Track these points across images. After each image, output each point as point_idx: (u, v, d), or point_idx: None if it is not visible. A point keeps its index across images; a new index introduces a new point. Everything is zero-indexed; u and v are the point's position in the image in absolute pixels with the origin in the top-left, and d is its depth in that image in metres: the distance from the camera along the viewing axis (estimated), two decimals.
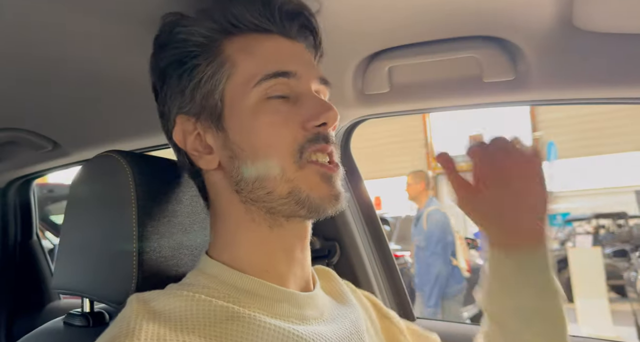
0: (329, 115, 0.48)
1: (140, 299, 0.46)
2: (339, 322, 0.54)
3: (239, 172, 0.49)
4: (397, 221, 4.83)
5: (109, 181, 0.59)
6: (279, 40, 0.52)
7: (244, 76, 0.49)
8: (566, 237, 8.48)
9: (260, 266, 0.50)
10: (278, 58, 0.50)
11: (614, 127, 13.25)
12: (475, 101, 0.81)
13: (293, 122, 0.48)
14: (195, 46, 0.50)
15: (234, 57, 0.50)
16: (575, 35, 0.61)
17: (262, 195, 0.48)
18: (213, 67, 0.50)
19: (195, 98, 0.50)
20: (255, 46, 0.50)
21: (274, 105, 0.49)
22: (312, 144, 0.48)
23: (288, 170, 0.48)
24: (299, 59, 0.52)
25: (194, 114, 0.51)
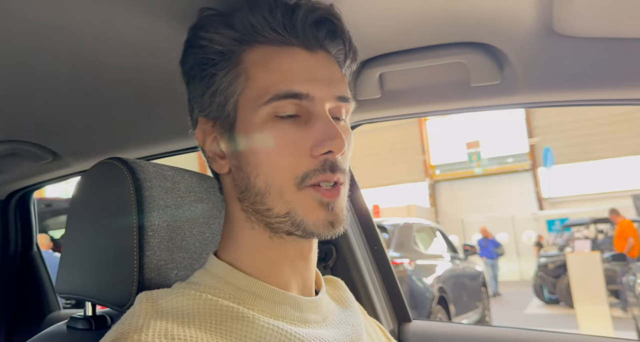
0: (334, 143, 0.47)
1: (149, 298, 0.48)
2: (342, 327, 0.55)
3: (243, 183, 0.50)
4: (395, 228, 4.82)
5: (110, 187, 0.60)
6: (298, 54, 0.50)
7: (256, 92, 0.49)
8: (565, 242, 8.47)
9: (261, 270, 0.51)
10: (292, 77, 0.48)
11: (610, 132, 13.34)
12: (463, 105, 0.83)
13: (300, 146, 0.48)
14: (215, 54, 0.51)
15: (249, 70, 0.49)
16: (556, 40, 0.63)
17: (261, 210, 0.49)
18: (229, 78, 0.50)
19: (213, 104, 0.51)
20: (271, 61, 0.49)
21: (282, 126, 0.48)
22: (318, 174, 0.47)
23: (286, 191, 0.48)
24: (315, 77, 0.49)
25: (212, 118, 0.52)
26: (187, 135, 1.02)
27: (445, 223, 14.20)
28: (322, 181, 0.48)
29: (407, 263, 4.32)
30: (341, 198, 0.50)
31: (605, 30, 0.61)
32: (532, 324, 6.56)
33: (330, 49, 0.53)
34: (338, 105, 0.51)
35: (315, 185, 0.48)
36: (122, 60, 0.68)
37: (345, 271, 1.02)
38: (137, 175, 0.59)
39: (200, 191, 0.66)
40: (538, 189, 14.39)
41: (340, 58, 0.55)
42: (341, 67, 0.55)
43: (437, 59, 0.73)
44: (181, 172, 0.65)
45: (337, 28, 0.52)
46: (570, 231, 9.00)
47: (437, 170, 15.87)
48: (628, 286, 4.82)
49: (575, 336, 0.95)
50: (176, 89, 0.74)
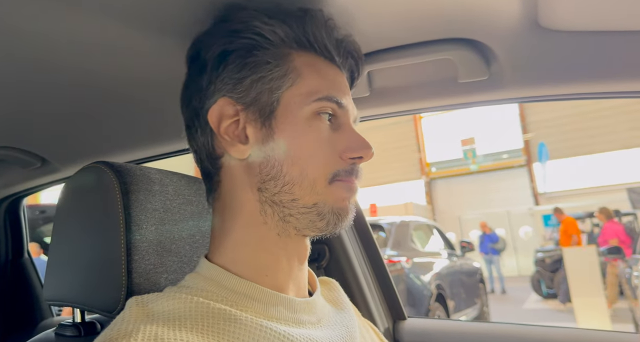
0: (368, 152, 0.53)
1: (139, 302, 0.47)
2: (336, 329, 0.55)
3: (272, 171, 0.51)
4: (392, 227, 4.83)
5: (96, 192, 0.60)
6: (337, 71, 0.57)
7: (307, 89, 0.52)
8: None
9: (260, 270, 0.51)
10: (337, 87, 0.54)
11: (604, 126, 13.43)
12: (452, 102, 0.83)
13: (334, 147, 0.52)
14: (271, 45, 0.53)
15: (301, 69, 0.53)
16: (542, 34, 0.63)
17: (285, 200, 0.50)
18: (281, 71, 0.53)
19: (251, 90, 0.52)
20: (320, 68, 0.55)
21: (324, 125, 0.53)
22: (346, 175, 0.52)
23: (319, 185, 0.51)
24: (349, 95, 0.57)
25: (243, 103, 0.53)
26: (177, 138, 1.02)
27: (442, 220, 14.24)
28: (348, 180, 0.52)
29: (404, 261, 4.33)
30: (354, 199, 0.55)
31: (590, 24, 0.61)
32: (531, 319, 6.59)
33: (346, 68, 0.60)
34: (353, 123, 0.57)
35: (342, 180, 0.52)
36: (110, 65, 0.67)
37: (339, 270, 1.02)
38: (123, 178, 0.58)
39: (190, 193, 0.66)
40: (533, 184, 14.45)
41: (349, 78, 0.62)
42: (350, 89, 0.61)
43: (424, 56, 0.72)
44: (169, 175, 0.65)
45: (358, 63, 0.61)
46: None
47: (433, 167, 15.92)
48: (624, 278, 4.85)
49: (571, 330, 0.95)
50: (167, 91, 0.73)
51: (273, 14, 0.54)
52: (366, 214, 5.61)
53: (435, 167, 15.88)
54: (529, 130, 14.63)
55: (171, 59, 0.55)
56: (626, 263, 5.04)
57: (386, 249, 4.48)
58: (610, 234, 6.39)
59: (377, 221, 5.02)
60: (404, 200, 13.62)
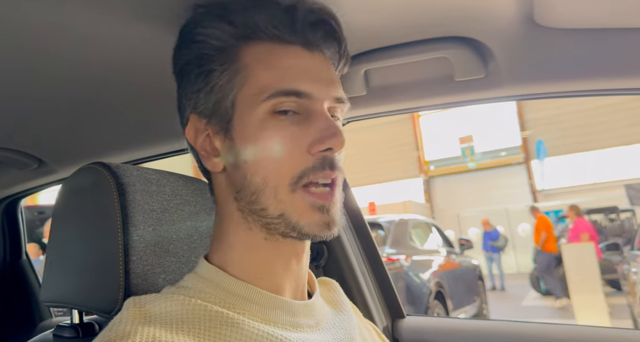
0: (335, 141, 0.47)
1: (137, 303, 0.47)
2: (334, 332, 0.54)
3: (239, 181, 0.50)
4: (391, 225, 4.83)
5: (93, 192, 0.60)
6: (299, 52, 0.50)
7: (257, 87, 0.48)
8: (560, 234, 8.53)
9: (254, 272, 0.51)
10: (294, 75, 0.49)
11: (602, 123, 13.45)
12: (449, 100, 0.83)
13: (299, 143, 0.48)
14: (213, 49, 0.50)
15: (250, 65, 0.49)
16: (537, 32, 0.63)
17: (257, 210, 0.49)
18: (228, 74, 0.49)
19: (209, 101, 0.50)
20: (273, 58, 0.49)
21: (281, 123, 0.48)
22: (316, 172, 0.48)
23: (280, 191, 0.47)
24: (316, 77, 0.50)
25: (206, 116, 0.51)
26: (175, 138, 1.02)
27: (441, 218, 14.25)
28: (320, 178, 0.48)
29: (403, 259, 4.33)
30: (336, 200, 0.50)
31: (586, 22, 0.61)
32: (529, 316, 6.61)
33: (325, 50, 0.53)
34: (335, 106, 0.51)
35: (310, 185, 0.48)
36: (106, 63, 0.67)
37: (338, 269, 1.02)
38: (120, 179, 0.58)
39: (187, 193, 0.65)
40: (532, 181, 14.48)
41: (335, 60, 0.54)
42: (335, 69, 0.55)
43: (421, 55, 0.72)
44: (166, 176, 0.65)
45: (334, 30, 0.52)
46: (565, 222, 9.07)
47: (432, 166, 15.93)
48: (622, 274, 4.87)
49: (570, 326, 0.95)
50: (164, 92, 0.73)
51: (219, 11, 0.50)
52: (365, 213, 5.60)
53: (434, 165, 15.89)
54: (527, 127, 14.65)
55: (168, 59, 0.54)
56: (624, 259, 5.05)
57: (385, 247, 4.48)
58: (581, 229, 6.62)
59: (375, 219, 5.02)
60: (402, 198, 13.62)
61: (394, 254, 4.34)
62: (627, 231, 8.39)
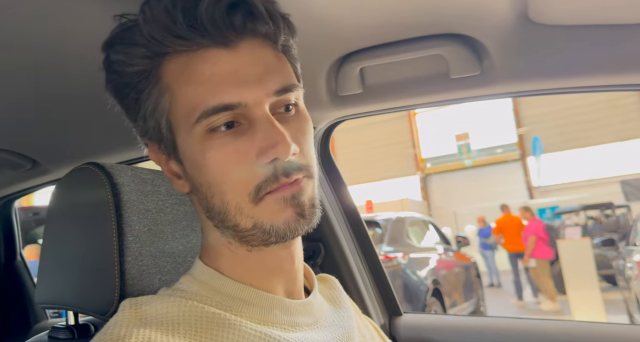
0: (278, 149, 0.42)
1: (133, 304, 0.47)
2: (333, 330, 0.54)
3: (203, 203, 0.48)
4: (388, 223, 4.84)
5: (87, 193, 0.59)
6: (216, 56, 0.44)
7: (184, 109, 0.44)
8: (556, 230, 8.58)
9: (245, 278, 0.50)
10: (218, 86, 0.43)
11: (597, 120, 13.52)
12: (445, 97, 0.83)
13: (245, 158, 0.44)
14: (130, 76, 0.46)
15: (171, 85, 0.45)
16: (532, 28, 0.63)
17: (230, 226, 0.47)
18: (153, 98, 0.46)
19: (148, 128, 0.48)
20: (190, 71, 0.44)
21: (222, 140, 0.44)
22: (271, 183, 0.44)
23: (245, 207, 0.45)
24: (244, 80, 0.43)
25: (155, 141, 0.49)
26: None
27: (438, 216, 14.29)
28: (279, 187, 0.44)
29: (400, 257, 4.34)
30: (303, 189, 0.46)
31: (580, 18, 0.61)
32: (526, 312, 6.64)
33: (256, 32, 0.46)
34: (280, 98, 0.46)
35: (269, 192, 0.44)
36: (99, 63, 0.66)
37: (334, 268, 1.02)
38: (114, 179, 0.58)
39: (182, 193, 0.65)
40: (528, 178, 14.53)
41: (272, 38, 0.47)
42: (275, 49, 0.48)
43: (416, 52, 0.72)
44: (161, 175, 0.64)
45: (252, 8, 0.44)
46: (561, 218, 9.11)
47: (428, 163, 15.96)
48: (618, 270, 4.90)
49: (565, 323, 0.95)
50: None
51: (125, 34, 0.45)
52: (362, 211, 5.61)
53: (430, 163, 15.93)
54: (523, 124, 14.70)
55: None
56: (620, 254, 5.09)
57: (382, 245, 4.49)
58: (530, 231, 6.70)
59: (373, 217, 5.02)
60: (399, 196, 13.65)
61: (392, 252, 4.35)
62: (622, 226, 8.43)
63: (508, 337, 0.95)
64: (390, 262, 4.20)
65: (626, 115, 13.33)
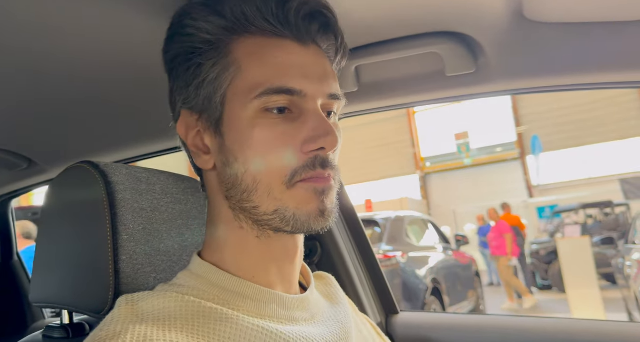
0: (327, 140, 0.46)
1: (129, 301, 0.47)
2: (330, 325, 0.54)
3: (230, 180, 0.49)
4: (387, 222, 4.84)
5: (81, 192, 0.59)
6: (291, 47, 0.48)
7: (248, 84, 0.47)
8: (555, 228, 8.58)
9: (248, 269, 0.50)
10: (286, 71, 0.47)
11: (595, 118, 13.53)
12: (441, 95, 0.83)
13: (291, 142, 0.46)
14: (202, 43, 0.48)
15: (240, 60, 0.48)
16: (527, 26, 0.63)
17: (248, 207, 0.48)
18: (217, 69, 0.48)
19: (199, 96, 0.49)
20: (264, 53, 0.48)
21: (273, 120, 0.47)
22: (308, 170, 0.46)
23: (276, 190, 0.47)
24: (309, 73, 0.48)
25: (197, 111, 0.50)
26: (168, 136, 1.01)
27: (438, 215, 14.30)
28: (313, 177, 0.47)
29: (399, 256, 4.34)
30: (333, 189, 0.49)
31: (575, 16, 0.61)
32: (525, 311, 6.64)
33: (321, 43, 0.51)
34: (329, 102, 0.50)
35: (304, 180, 0.47)
36: (97, 60, 0.66)
37: (331, 266, 1.02)
38: (109, 178, 0.58)
39: (178, 192, 0.65)
40: (527, 177, 14.54)
41: (331, 53, 0.53)
42: (332, 62, 0.53)
43: (412, 50, 0.72)
44: (157, 174, 0.64)
45: (330, 22, 0.50)
46: (560, 217, 9.12)
47: (428, 162, 15.97)
48: (617, 268, 4.90)
49: (563, 320, 0.95)
50: (154, 89, 0.72)
51: (210, 2, 0.48)
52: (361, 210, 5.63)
53: (430, 162, 15.94)
54: (522, 123, 14.70)
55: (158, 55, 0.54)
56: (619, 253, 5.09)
57: (381, 244, 4.49)
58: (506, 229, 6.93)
59: (372, 216, 5.03)
60: (399, 195, 13.65)
61: (391, 251, 4.35)
62: (621, 225, 8.44)
63: (505, 335, 0.95)
64: (390, 261, 4.20)
65: (625, 114, 13.33)
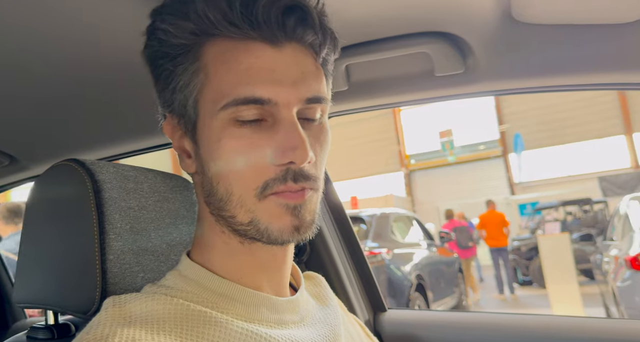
0: (296, 154, 0.43)
1: (116, 303, 0.46)
2: (319, 327, 0.54)
3: (207, 187, 0.48)
4: (372, 219, 4.87)
5: (67, 190, 0.58)
6: (260, 50, 0.44)
7: (215, 93, 0.45)
8: (536, 225, 8.75)
9: (236, 272, 0.50)
10: (254, 78, 0.44)
11: (576, 117, 13.82)
12: (429, 95, 0.84)
13: (260, 154, 0.44)
14: (172, 47, 0.46)
15: (208, 66, 0.45)
16: (515, 27, 0.64)
17: (226, 216, 0.47)
18: (188, 74, 0.46)
19: (175, 101, 0.48)
20: (230, 58, 0.44)
21: (242, 132, 0.44)
22: (278, 184, 0.44)
23: (248, 201, 0.45)
24: (281, 79, 0.44)
25: (177, 115, 0.49)
26: (154, 133, 1.00)
27: (422, 211, 14.45)
28: (284, 191, 0.45)
29: (385, 253, 4.38)
30: (307, 201, 0.46)
31: (562, 17, 0.62)
32: (507, 306, 6.77)
33: (303, 40, 0.47)
34: (308, 107, 0.46)
35: (275, 193, 0.45)
36: (81, 54, 0.65)
37: (320, 264, 1.02)
38: (95, 176, 0.57)
39: (166, 190, 0.64)
40: (509, 174, 14.80)
41: (316, 48, 0.48)
42: (316, 59, 0.49)
43: (401, 50, 0.73)
44: (144, 172, 0.63)
45: (306, 15, 0.45)
46: (541, 214, 9.31)
47: (412, 159, 16.11)
48: (595, 264, 5.03)
49: (546, 317, 0.98)
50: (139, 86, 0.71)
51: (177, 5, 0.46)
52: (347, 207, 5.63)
53: (415, 159, 16.08)
54: (505, 121, 14.93)
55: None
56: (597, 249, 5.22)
57: (367, 241, 4.52)
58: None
59: (358, 213, 5.06)
60: (384, 192, 13.74)
61: (376, 248, 4.38)
62: (600, 221, 8.66)
63: (491, 332, 0.97)
64: (375, 257, 4.24)
65: (604, 113, 13.66)
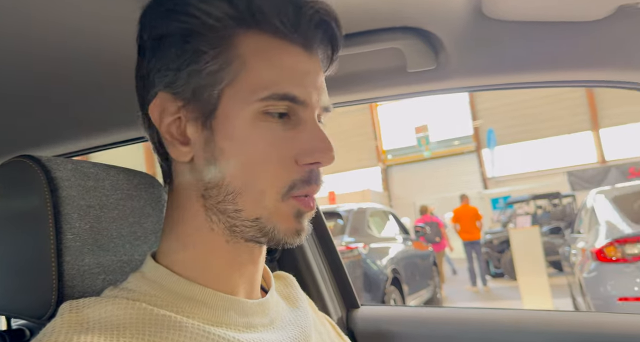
0: (325, 156, 0.46)
1: (73, 307, 0.43)
2: (289, 330, 0.53)
3: (213, 178, 0.46)
4: (349, 214, 4.90)
5: (20, 189, 0.55)
6: (299, 53, 0.46)
7: (252, 84, 0.44)
8: (508, 219, 8.98)
9: (209, 274, 0.48)
10: (293, 78, 0.45)
11: (547, 113, 14.25)
12: (402, 91, 0.83)
13: (287, 150, 0.45)
14: (205, 28, 0.44)
15: (246, 57, 0.45)
16: (486, 24, 0.64)
17: (229, 209, 0.46)
18: (219, 61, 0.45)
19: (190, 83, 0.45)
20: (274, 54, 0.45)
21: (272, 126, 0.45)
22: (304, 185, 0.46)
23: (269, 198, 0.45)
24: (313, 83, 0.47)
25: (183, 99, 0.46)
26: (125, 126, 0.96)
27: (398, 206, 14.65)
28: (306, 195, 0.46)
29: (361, 247, 4.41)
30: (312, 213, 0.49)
31: (532, 14, 0.62)
32: (480, 298, 6.96)
33: (325, 52, 0.50)
34: (321, 114, 0.50)
35: (296, 197, 0.46)
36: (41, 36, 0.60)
37: (293, 262, 1.02)
38: (51, 174, 0.54)
39: (129, 187, 0.61)
40: (483, 169, 15.16)
41: (325, 64, 0.51)
42: (325, 71, 0.52)
43: (373, 45, 0.72)
44: (106, 169, 0.60)
45: (334, 34, 0.48)
46: (513, 207, 9.57)
47: (389, 155, 16.30)
48: (564, 256, 5.21)
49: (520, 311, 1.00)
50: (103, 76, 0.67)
51: None
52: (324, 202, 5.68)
53: (391, 155, 16.27)
54: (479, 117, 15.26)
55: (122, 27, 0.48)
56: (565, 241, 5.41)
57: (344, 236, 4.54)
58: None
59: (335, 208, 5.08)
60: (361, 187, 13.85)
61: (353, 243, 4.41)
62: (568, 215, 8.97)
63: (464, 327, 0.98)
64: (351, 252, 4.26)
65: (573, 109, 14.13)
